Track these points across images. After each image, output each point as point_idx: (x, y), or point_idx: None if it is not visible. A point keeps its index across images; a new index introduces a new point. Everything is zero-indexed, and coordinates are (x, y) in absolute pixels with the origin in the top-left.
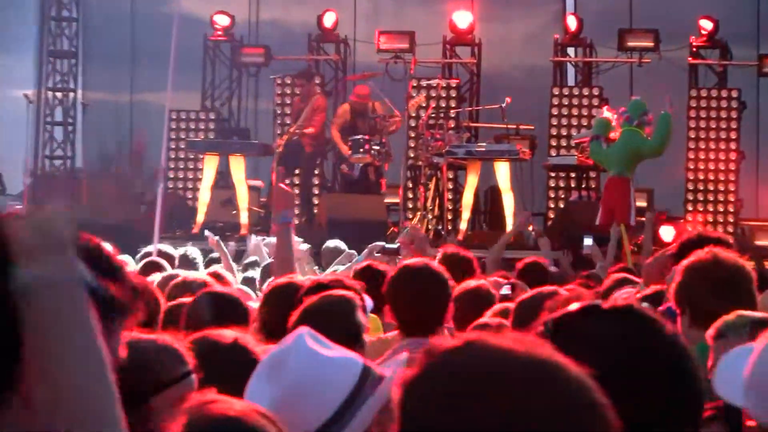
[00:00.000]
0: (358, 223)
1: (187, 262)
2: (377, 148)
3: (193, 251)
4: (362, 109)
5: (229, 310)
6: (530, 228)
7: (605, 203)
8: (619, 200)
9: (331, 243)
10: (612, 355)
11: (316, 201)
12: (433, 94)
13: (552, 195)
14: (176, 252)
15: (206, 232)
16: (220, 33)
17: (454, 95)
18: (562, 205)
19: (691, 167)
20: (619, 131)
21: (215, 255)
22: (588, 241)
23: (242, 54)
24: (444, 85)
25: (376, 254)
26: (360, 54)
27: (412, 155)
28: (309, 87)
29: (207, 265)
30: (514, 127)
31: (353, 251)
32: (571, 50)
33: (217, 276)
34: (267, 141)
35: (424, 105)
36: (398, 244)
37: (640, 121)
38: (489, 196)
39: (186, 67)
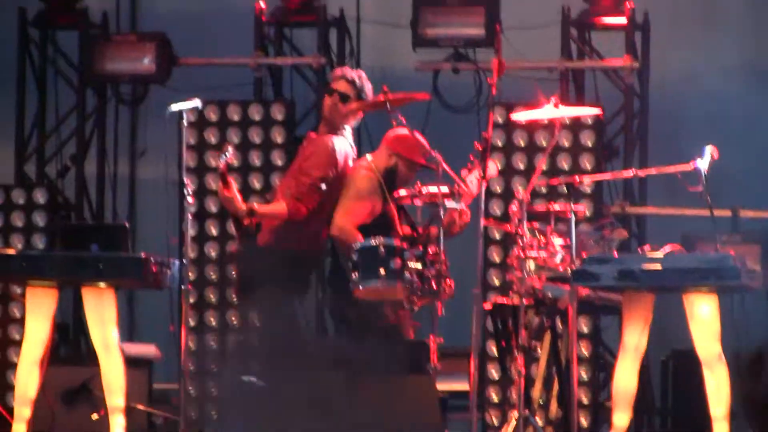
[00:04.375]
0: None
1: None
2: (417, 267)
3: None
4: (405, 180)
5: None
6: None
7: None
8: None
9: None
10: None
11: None
12: (542, 142)
13: None
14: None
15: None
16: (55, 6)
17: (589, 144)
18: None
19: None
20: None
21: None
22: None
23: (107, 56)
24: (566, 123)
25: None
26: (370, 50)
27: (496, 282)
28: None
29: None
30: (728, 214)
31: None
32: None
33: None
34: (165, 250)
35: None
36: None
37: None
38: (675, 373)
39: None
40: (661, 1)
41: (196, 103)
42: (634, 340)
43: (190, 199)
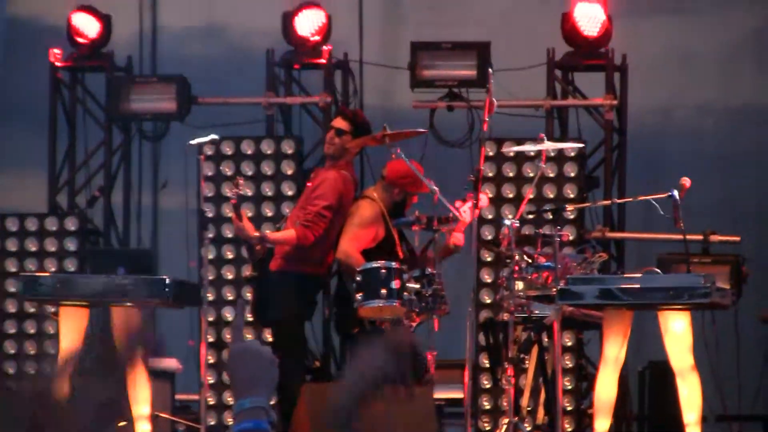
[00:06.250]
0: None
1: None
2: (415, 287)
3: None
4: (404, 208)
5: None
6: None
7: None
8: None
9: None
10: None
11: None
12: (529, 173)
13: None
14: None
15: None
16: (83, 51)
17: (572, 175)
18: None
19: None
20: None
21: None
22: None
23: (131, 96)
24: (552, 154)
25: None
26: (372, 90)
27: (487, 300)
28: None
29: None
30: (699, 239)
31: None
32: None
33: None
34: (187, 274)
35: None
36: None
37: None
38: (649, 384)
39: (18, 126)
40: (638, 44)
41: (213, 138)
42: (613, 353)
43: (208, 226)
